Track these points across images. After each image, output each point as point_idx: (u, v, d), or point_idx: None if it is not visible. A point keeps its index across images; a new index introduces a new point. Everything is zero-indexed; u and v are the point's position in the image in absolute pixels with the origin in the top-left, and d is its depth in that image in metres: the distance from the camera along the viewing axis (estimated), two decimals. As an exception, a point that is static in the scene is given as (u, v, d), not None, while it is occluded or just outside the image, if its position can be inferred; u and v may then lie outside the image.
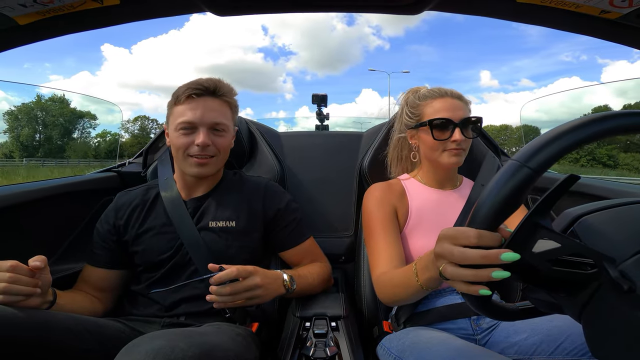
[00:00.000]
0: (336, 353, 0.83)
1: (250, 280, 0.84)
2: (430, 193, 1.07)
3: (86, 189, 1.30)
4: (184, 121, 0.97)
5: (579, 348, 0.73)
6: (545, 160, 0.42)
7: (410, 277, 0.74)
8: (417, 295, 0.81)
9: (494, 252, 0.45)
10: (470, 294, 0.50)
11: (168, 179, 1.10)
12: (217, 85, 1.01)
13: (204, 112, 0.97)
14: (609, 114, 0.42)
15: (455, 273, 0.51)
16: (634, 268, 0.37)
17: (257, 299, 0.87)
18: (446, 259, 0.53)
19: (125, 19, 0.76)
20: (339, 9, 0.87)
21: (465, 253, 0.49)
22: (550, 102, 8.13)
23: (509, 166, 0.44)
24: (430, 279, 0.67)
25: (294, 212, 1.12)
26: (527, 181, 0.42)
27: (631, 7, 0.59)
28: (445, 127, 0.97)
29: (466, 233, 0.49)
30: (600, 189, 1.12)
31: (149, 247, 1.00)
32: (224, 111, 1.02)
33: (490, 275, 0.46)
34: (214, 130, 1.00)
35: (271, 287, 0.90)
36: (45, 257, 0.76)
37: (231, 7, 0.76)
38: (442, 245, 0.54)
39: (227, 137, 1.03)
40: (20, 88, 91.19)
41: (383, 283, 0.90)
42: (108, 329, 0.84)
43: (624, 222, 0.41)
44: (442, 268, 0.54)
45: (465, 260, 0.49)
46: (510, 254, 0.43)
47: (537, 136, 0.44)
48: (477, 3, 0.73)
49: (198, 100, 0.98)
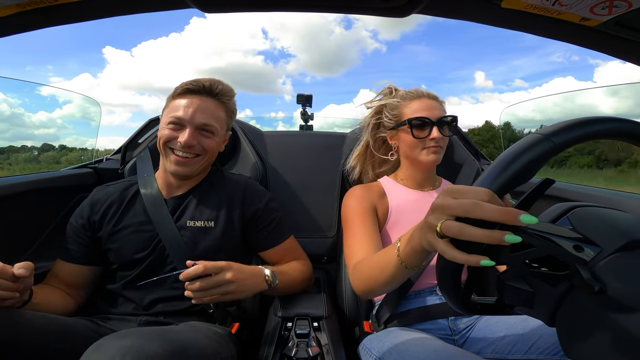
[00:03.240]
0: (318, 353, 0.83)
1: (221, 275, 0.83)
2: (410, 193, 1.09)
3: (61, 185, 1.26)
4: (174, 116, 0.96)
5: (552, 347, 0.75)
6: (569, 138, 0.43)
7: (390, 254, 0.69)
8: (394, 278, 0.72)
9: (512, 210, 0.40)
10: (470, 264, 0.43)
11: (148, 176, 1.07)
12: (215, 85, 1.00)
13: (196, 111, 0.96)
14: (631, 120, 0.45)
15: (464, 230, 0.42)
16: (605, 269, 0.38)
17: (232, 295, 0.86)
18: (450, 212, 0.45)
19: (107, 13, 0.74)
20: (325, 10, 0.87)
21: (481, 205, 0.41)
22: (545, 103, 8.51)
23: (532, 137, 0.44)
24: (413, 251, 0.60)
25: (274, 212, 1.11)
26: (547, 153, 0.43)
27: (610, 14, 0.61)
28: (423, 126, 1.01)
29: (476, 190, 0.44)
30: (574, 193, 1.16)
31: (125, 245, 0.97)
32: (217, 113, 1.01)
33: (503, 237, 0.40)
34: (202, 130, 0.98)
35: (248, 282, 0.89)
36: (32, 263, 0.73)
37: (216, 3, 0.75)
38: (444, 198, 0.47)
39: (215, 140, 1.01)
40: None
41: (359, 270, 0.87)
42: (79, 328, 0.82)
43: (611, 222, 0.42)
44: (444, 224, 0.45)
45: (478, 212, 0.41)
46: (528, 216, 0.39)
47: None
48: (463, 8, 0.74)
49: (193, 98, 0.98)
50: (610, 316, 0.37)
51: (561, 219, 0.44)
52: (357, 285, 0.87)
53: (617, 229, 0.40)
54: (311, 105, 1.92)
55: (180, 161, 0.97)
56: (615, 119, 0.45)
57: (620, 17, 0.61)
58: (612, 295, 0.37)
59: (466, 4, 0.71)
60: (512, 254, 0.43)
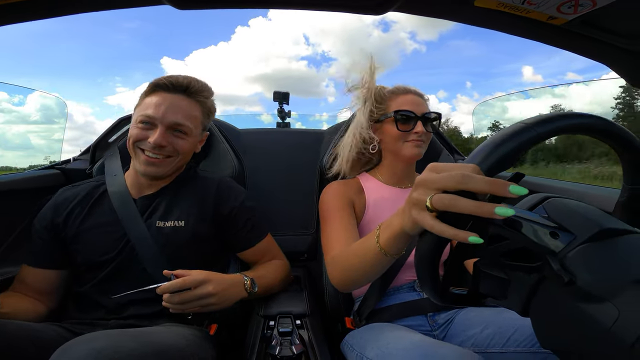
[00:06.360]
0: (302, 351, 0.83)
1: (201, 289, 0.82)
2: (387, 190, 1.10)
3: (27, 188, 1.20)
4: (144, 114, 0.92)
5: (527, 340, 0.76)
6: (550, 130, 0.45)
7: (370, 242, 0.68)
8: (373, 267, 0.72)
9: (501, 181, 0.40)
10: (458, 239, 0.43)
11: (117, 176, 1.03)
12: (191, 83, 0.97)
13: (168, 109, 0.92)
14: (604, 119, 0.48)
15: (456, 202, 0.42)
16: (574, 260, 0.39)
17: (213, 307, 0.84)
18: (438, 185, 0.45)
19: (83, 8, 0.73)
20: (303, 7, 0.87)
21: (471, 176, 0.42)
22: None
23: (517, 126, 0.45)
24: (394, 236, 0.60)
25: (249, 211, 1.08)
26: (530, 141, 0.44)
27: (576, 13, 0.64)
28: (408, 120, 1.03)
29: (462, 165, 0.44)
30: (545, 187, 1.22)
31: (91, 245, 0.93)
32: (191, 112, 0.97)
33: (493, 210, 0.40)
34: (174, 130, 0.95)
35: (228, 293, 0.88)
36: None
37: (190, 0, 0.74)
38: (429, 173, 0.47)
39: (188, 140, 0.98)
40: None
41: (338, 261, 0.86)
42: (47, 334, 0.77)
43: (583, 211, 0.43)
44: (435, 197, 0.44)
45: (470, 184, 0.41)
46: (517, 187, 0.40)
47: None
48: (438, 6, 0.75)
49: (166, 96, 0.94)
50: (581, 306, 0.37)
51: (537, 208, 0.46)
52: (335, 276, 0.86)
53: (588, 218, 0.42)
54: (288, 102, 1.92)
55: (150, 162, 0.93)
56: (590, 115, 0.48)
57: (586, 16, 0.65)
58: (581, 285, 0.37)
59: (441, 2, 0.73)
60: (488, 247, 0.44)
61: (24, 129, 2.50)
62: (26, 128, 2.47)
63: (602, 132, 0.48)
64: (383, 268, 0.73)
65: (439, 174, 0.45)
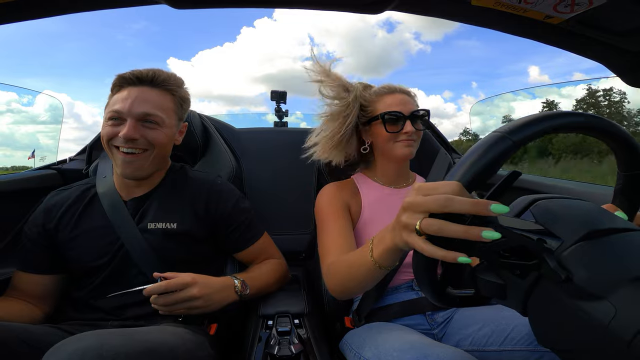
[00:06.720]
0: (301, 350, 0.83)
1: (185, 292, 0.81)
2: (383, 190, 1.09)
3: (23, 188, 1.19)
4: (112, 110, 0.90)
5: (525, 338, 0.76)
6: (525, 136, 0.45)
7: (364, 255, 0.69)
8: (368, 278, 0.73)
9: (483, 201, 0.42)
10: (448, 260, 0.44)
11: (107, 177, 1.02)
12: (154, 74, 0.94)
13: (134, 102, 0.90)
14: (584, 113, 0.48)
15: (445, 227, 0.44)
16: (571, 258, 0.39)
17: (199, 309, 0.84)
18: (424, 209, 0.46)
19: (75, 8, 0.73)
20: (298, 6, 0.87)
21: (454, 199, 0.43)
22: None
23: (492, 136, 0.45)
24: (387, 251, 0.61)
25: (244, 212, 1.07)
26: (507, 151, 0.44)
27: (572, 12, 0.64)
28: (396, 120, 1.02)
29: (446, 184, 0.45)
30: (540, 185, 1.22)
31: (85, 251, 0.92)
32: (162, 102, 0.94)
33: (480, 234, 0.41)
34: (145, 122, 0.92)
35: (215, 297, 0.87)
36: None
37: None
38: (415, 196, 0.48)
39: (162, 131, 0.94)
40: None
41: (334, 270, 0.86)
42: (43, 336, 0.77)
43: (571, 213, 0.43)
44: (424, 222, 0.46)
45: (454, 206, 0.43)
46: (499, 205, 0.41)
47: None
48: (435, 5, 0.75)
49: (132, 89, 0.92)
50: (578, 304, 0.37)
51: (525, 212, 0.46)
52: (332, 285, 0.87)
53: (577, 219, 0.42)
54: (285, 102, 1.92)
55: (127, 158, 0.91)
56: (568, 113, 0.48)
57: (582, 15, 0.65)
58: (578, 283, 0.37)
59: (438, 1, 0.73)
60: (484, 246, 0.44)
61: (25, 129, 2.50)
62: (27, 129, 2.47)
63: (583, 128, 0.49)
64: (379, 278, 0.74)
65: (425, 196, 0.47)
